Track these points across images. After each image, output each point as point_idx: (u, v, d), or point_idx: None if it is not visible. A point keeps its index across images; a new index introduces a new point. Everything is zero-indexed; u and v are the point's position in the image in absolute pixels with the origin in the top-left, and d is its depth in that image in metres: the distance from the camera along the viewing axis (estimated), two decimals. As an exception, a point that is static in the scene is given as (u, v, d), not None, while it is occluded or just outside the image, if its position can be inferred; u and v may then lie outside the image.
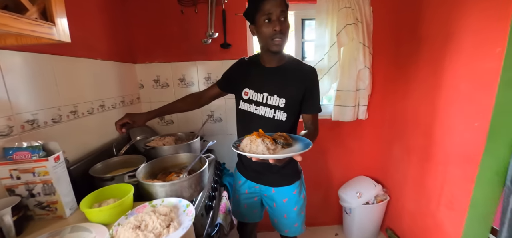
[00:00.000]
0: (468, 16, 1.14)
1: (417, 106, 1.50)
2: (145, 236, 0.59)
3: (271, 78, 0.99)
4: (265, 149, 0.75)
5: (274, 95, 0.98)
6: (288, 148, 0.80)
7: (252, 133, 0.81)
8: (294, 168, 1.10)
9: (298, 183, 1.11)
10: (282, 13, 0.88)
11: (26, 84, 0.81)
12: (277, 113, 0.98)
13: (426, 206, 1.45)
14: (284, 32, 0.90)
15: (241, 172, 1.16)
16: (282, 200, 1.09)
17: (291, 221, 1.12)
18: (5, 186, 0.70)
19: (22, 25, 0.52)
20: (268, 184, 1.10)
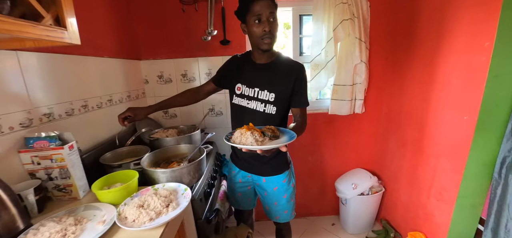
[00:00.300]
0: (460, 12, 1.16)
1: (411, 100, 1.53)
2: (147, 213, 0.68)
3: (261, 74, 1.05)
4: (254, 141, 0.82)
5: (264, 90, 1.04)
6: (275, 140, 0.86)
7: (243, 126, 0.88)
8: (283, 159, 1.16)
9: (287, 173, 1.17)
10: (271, 14, 0.93)
11: (42, 81, 0.91)
12: (267, 107, 1.05)
13: (418, 197, 1.50)
14: (273, 32, 0.96)
15: (235, 162, 1.24)
16: (273, 189, 1.17)
17: (281, 208, 1.20)
18: (27, 170, 0.81)
19: (39, 31, 0.60)
20: (259, 174, 1.17)
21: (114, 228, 0.67)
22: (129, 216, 0.68)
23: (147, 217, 0.67)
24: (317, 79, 1.73)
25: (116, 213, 0.70)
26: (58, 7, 0.66)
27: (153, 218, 0.68)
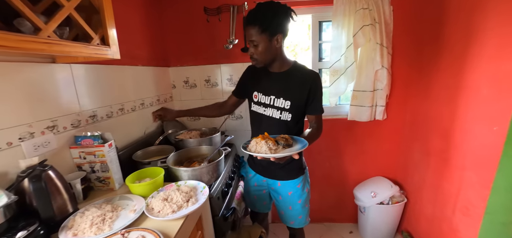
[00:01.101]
0: (491, 17, 1.09)
1: (437, 108, 1.46)
2: (170, 206, 0.78)
3: (276, 83, 1.09)
4: (268, 149, 0.88)
5: (280, 98, 1.08)
6: (288, 148, 0.91)
7: (258, 136, 0.95)
8: (298, 164, 1.18)
9: (302, 178, 1.20)
10: (251, 42, 1.00)
11: (88, 88, 1.07)
12: (283, 114, 1.09)
13: (442, 210, 1.42)
14: (255, 55, 1.03)
15: (251, 166, 1.30)
16: (287, 193, 1.20)
17: (295, 212, 1.22)
18: (75, 163, 0.97)
19: (89, 51, 0.74)
20: (274, 178, 1.21)
21: (143, 216, 0.78)
22: (155, 208, 0.79)
23: (170, 209, 0.77)
24: (336, 85, 1.73)
25: (145, 204, 0.81)
26: (104, 29, 0.79)
27: (175, 211, 0.77)
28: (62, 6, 0.65)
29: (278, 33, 0.99)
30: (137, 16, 1.47)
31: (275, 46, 1.01)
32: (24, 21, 0.59)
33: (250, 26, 0.98)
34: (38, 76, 0.85)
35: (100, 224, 0.72)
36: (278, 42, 1.01)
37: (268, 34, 0.97)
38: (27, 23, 0.59)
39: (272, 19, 0.96)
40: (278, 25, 0.97)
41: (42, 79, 0.86)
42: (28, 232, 0.64)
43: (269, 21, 0.96)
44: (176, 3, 1.70)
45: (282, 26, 0.99)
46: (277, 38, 1.00)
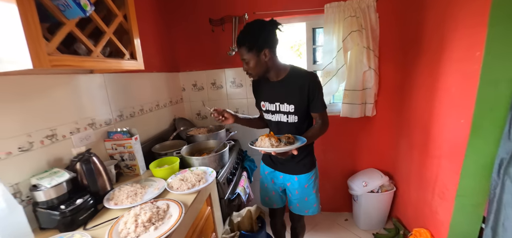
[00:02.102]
0: (457, 24, 1.26)
1: (418, 105, 1.63)
2: (186, 184, 1.00)
3: (278, 90, 1.20)
4: (269, 146, 1.04)
5: (284, 103, 1.19)
6: (290, 146, 1.05)
7: (265, 134, 1.11)
8: (311, 160, 1.32)
9: (314, 171, 1.34)
10: (244, 60, 1.13)
11: (116, 93, 1.30)
12: (289, 117, 1.20)
13: (424, 195, 1.59)
14: (248, 70, 1.15)
15: (268, 164, 1.40)
16: (304, 186, 1.31)
17: (311, 202, 1.35)
18: (108, 153, 1.19)
19: (122, 65, 0.96)
20: (291, 173, 1.31)
21: (165, 192, 1.00)
22: (174, 185, 1.01)
23: (185, 186, 0.99)
24: (329, 85, 1.91)
25: (166, 183, 1.02)
26: (132, 46, 1.01)
27: (189, 187, 0.99)
28: (105, 32, 0.88)
29: (264, 48, 1.08)
30: (152, 30, 1.70)
31: (264, 60, 1.11)
32: (80, 45, 0.81)
33: (239, 47, 1.10)
34: (81, 84, 1.08)
35: (134, 196, 0.94)
36: (266, 56, 1.10)
37: (256, 51, 1.08)
38: (83, 46, 0.81)
39: (258, 37, 1.07)
40: (263, 42, 1.08)
41: (84, 87, 1.09)
42: (83, 201, 0.86)
43: (255, 40, 1.07)
44: (184, 16, 1.93)
45: (267, 42, 1.09)
46: (265, 53, 1.09)
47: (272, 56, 1.13)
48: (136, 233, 0.73)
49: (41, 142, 0.90)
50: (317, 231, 2.04)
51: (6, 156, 0.79)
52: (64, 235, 0.77)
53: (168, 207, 0.87)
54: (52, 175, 0.86)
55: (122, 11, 0.98)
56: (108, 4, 0.90)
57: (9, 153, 0.80)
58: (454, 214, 1.34)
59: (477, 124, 1.19)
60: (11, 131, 0.81)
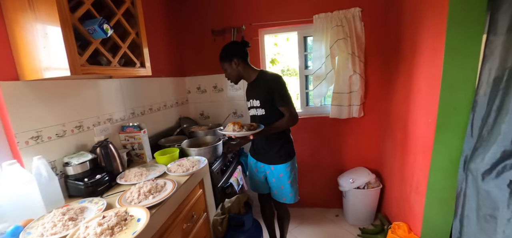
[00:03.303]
0: (425, 32, 1.41)
1: (399, 106, 1.76)
2: (181, 169, 1.22)
3: (251, 89, 1.52)
4: (231, 131, 1.34)
5: (253, 99, 1.49)
6: (246, 131, 1.33)
7: (231, 122, 1.41)
8: (286, 152, 1.49)
9: (290, 163, 1.50)
10: (223, 70, 1.49)
11: (130, 95, 1.57)
12: (258, 111, 1.48)
13: (404, 191, 1.70)
14: (228, 77, 1.50)
15: (252, 155, 1.63)
16: (279, 175, 1.50)
17: (286, 191, 1.52)
18: (122, 143, 1.45)
19: (134, 72, 1.21)
20: (268, 162, 1.52)
21: (164, 174, 1.23)
22: (172, 169, 1.24)
23: (181, 170, 1.22)
24: (319, 89, 2.08)
25: (166, 168, 1.26)
26: (142, 57, 1.27)
27: (184, 171, 1.21)
28: (121, 46, 1.14)
29: (234, 58, 1.42)
30: (162, 40, 1.97)
31: (236, 68, 1.43)
32: (103, 57, 1.07)
33: (220, 60, 1.47)
34: (102, 87, 1.36)
35: (139, 176, 1.18)
36: (237, 64, 1.43)
37: (228, 61, 1.44)
38: (104, 58, 1.07)
39: (228, 52, 1.44)
40: (233, 54, 1.42)
41: (104, 89, 1.37)
42: (101, 176, 1.11)
43: (226, 54, 1.44)
44: (190, 28, 2.19)
45: (236, 54, 1.42)
46: (235, 61, 1.42)
47: (241, 63, 1.44)
48: (138, 199, 0.97)
49: (72, 131, 1.17)
50: (308, 225, 2.19)
51: (48, 140, 1.06)
52: (86, 199, 1.02)
53: (165, 184, 1.10)
54: (79, 156, 1.12)
55: (135, 29, 1.24)
56: (123, 24, 1.16)
57: (49, 138, 1.07)
58: (426, 207, 1.46)
59: (442, 122, 1.31)
60: (52, 121, 1.08)
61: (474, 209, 1.21)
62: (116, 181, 1.18)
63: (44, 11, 0.84)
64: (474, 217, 1.24)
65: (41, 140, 1.04)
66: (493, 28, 1.14)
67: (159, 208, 0.94)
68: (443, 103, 1.29)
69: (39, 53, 0.90)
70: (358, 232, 2.02)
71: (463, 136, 1.31)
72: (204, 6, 2.13)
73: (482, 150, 1.17)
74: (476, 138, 1.22)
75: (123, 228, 0.78)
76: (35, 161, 0.97)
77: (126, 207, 0.89)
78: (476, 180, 1.19)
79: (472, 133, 1.26)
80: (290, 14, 2.03)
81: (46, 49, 0.88)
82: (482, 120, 1.20)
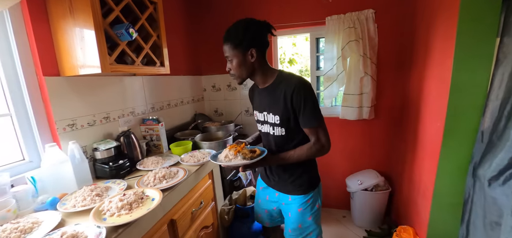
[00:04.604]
0: (436, 34, 1.39)
1: (410, 109, 1.74)
2: (193, 159, 1.35)
3: (265, 98, 1.05)
4: (224, 158, 1.00)
5: (270, 113, 1.04)
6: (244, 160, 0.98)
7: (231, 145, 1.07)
8: (308, 180, 1.11)
9: (313, 194, 1.11)
10: (227, 58, 1.02)
11: (150, 91, 1.73)
12: (275, 129, 1.04)
13: (413, 195, 1.69)
14: (232, 73, 1.04)
15: (263, 178, 1.25)
16: (298, 209, 1.11)
17: (306, 230, 1.13)
18: (142, 134, 1.61)
19: (154, 71, 1.35)
20: (286, 192, 1.13)
21: (177, 163, 1.36)
22: (185, 159, 1.36)
23: (193, 160, 1.34)
24: (330, 89, 2.11)
25: (180, 158, 1.39)
26: (162, 57, 1.41)
27: (195, 161, 1.33)
28: (144, 47, 1.28)
29: (252, 47, 0.96)
30: (180, 41, 2.13)
31: (250, 61, 0.98)
32: (128, 57, 1.22)
33: (224, 43, 0.99)
34: (127, 84, 1.52)
35: (156, 164, 1.32)
36: (253, 56, 0.97)
37: (241, 49, 0.96)
38: (129, 58, 1.22)
39: (244, 34, 0.95)
40: (251, 40, 0.96)
41: (128, 85, 1.53)
42: (123, 162, 1.26)
43: (241, 37, 0.95)
44: (206, 30, 2.32)
45: (255, 40, 0.96)
46: (251, 53, 0.97)
47: (259, 57, 0.99)
48: (154, 183, 1.10)
49: (100, 121, 1.34)
50: (315, 223, 2.22)
51: (81, 128, 1.23)
52: (110, 180, 1.17)
53: (177, 171, 1.22)
54: (106, 143, 1.28)
55: (156, 32, 1.38)
56: (146, 28, 1.31)
57: (82, 126, 1.24)
58: (432, 212, 1.44)
59: (450, 126, 1.30)
60: (85, 112, 1.25)
61: (481, 216, 1.20)
62: (136, 167, 1.33)
63: (82, 17, 1.00)
64: (480, 224, 1.22)
65: (75, 128, 1.21)
66: (507, 31, 1.12)
67: (171, 191, 1.06)
68: (452, 107, 1.28)
69: (76, 53, 1.06)
70: (364, 234, 2.02)
71: (472, 141, 1.28)
72: (220, 11, 2.25)
73: (490, 156, 1.15)
74: (486, 143, 1.20)
75: (139, 205, 0.91)
76: (70, 145, 1.14)
77: (143, 188, 1.02)
78: (483, 186, 1.17)
79: (483, 138, 1.24)
80: (302, 16, 2.08)
81: (82, 50, 1.04)
82: (493, 125, 1.17)
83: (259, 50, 1.00)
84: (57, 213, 0.91)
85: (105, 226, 0.79)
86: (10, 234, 0.79)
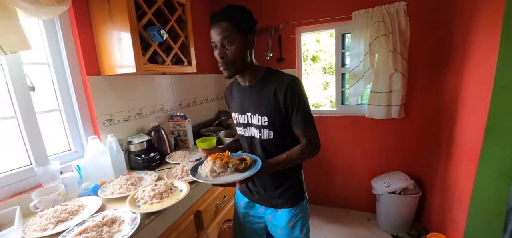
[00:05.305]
0: (478, 30, 1.27)
1: (445, 108, 1.61)
2: (217, 154, 1.39)
3: (249, 97, 0.93)
4: (209, 172, 0.80)
5: (256, 114, 0.92)
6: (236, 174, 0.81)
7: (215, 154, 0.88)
8: (297, 191, 1.00)
9: (301, 206, 1.01)
10: (224, 40, 0.83)
11: (178, 88, 1.82)
12: (262, 132, 0.92)
13: (446, 200, 1.57)
14: (227, 59, 0.85)
15: (244, 193, 1.08)
16: (288, 224, 0.99)
17: None
18: (170, 130, 1.71)
19: (182, 69, 1.43)
20: (274, 206, 1.01)
21: (203, 158, 1.42)
22: (209, 154, 1.42)
23: (216, 155, 1.39)
24: (356, 87, 2.03)
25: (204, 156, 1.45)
26: (190, 56, 1.48)
27: (219, 156, 1.38)
28: (173, 48, 1.35)
29: (253, 33, 0.87)
30: (205, 42, 2.20)
31: (247, 49, 0.87)
32: (159, 57, 1.30)
33: (222, 22, 0.82)
34: (157, 82, 1.62)
35: (183, 157, 1.40)
36: (253, 44, 0.89)
37: (244, 33, 0.84)
38: (160, 58, 1.30)
39: (247, 16, 0.85)
40: (253, 25, 0.87)
41: (158, 84, 1.63)
42: (154, 155, 1.36)
43: (243, 18, 0.84)
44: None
45: (254, 28, 0.88)
46: (250, 38, 0.87)
47: (252, 47, 0.90)
48: (181, 175, 1.16)
49: (134, 117, 1.45)
50: (338, 225, 2.17)
51: (118, 122, 1.35)
52: (143, 171, 1.26)
53: (203, 165, 1.28)
54: (139, 137, 1.38)
55: (184, 32, 1.45)
56: (175, 29, 1.38)
57: (119, 121, 1.36)
58: (469, 219, 1.33)
59: (492, 127, 1.18)
60: (121, 108, 1.37)
61: (528, 228, 1.08)
62: (165, 160, 1.41)
63: (119, 21, 1.09)
64: (529, 237, 1.10)
65: (113, 122, 1.33)
66: None
67: (197, 184, 1.11)
68: (495, 106, 1.16)
69: (114, 54, 1.16)
70: (391, 239, 1.93)
71: (521, 145, 1.16)
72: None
73: (541, 162, 1.03)
74: (536, 147, 1.08)
75: (169, 195, 0.98)
76: (109, 138, 1.25)
77: (172, 180, 1.09)
78: (532, 195, 1.05)
79: (533, 142, 1.11)
80: (328, 11, 2.03)
81: (119, 51, 1.14)
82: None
83: (254, 41, 0.90)
84: (98, 199, 1.01)
85: (139, 212, 0.86)
86: (60, 214, 0.90)
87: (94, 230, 0.78)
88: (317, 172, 2.37)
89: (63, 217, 0.89)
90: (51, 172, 1.06)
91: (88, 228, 0.78)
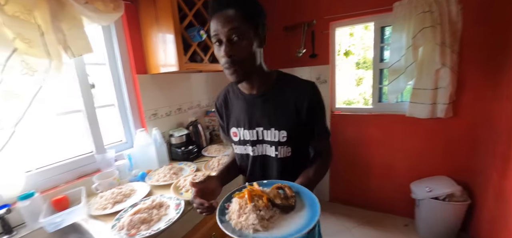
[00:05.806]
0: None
1: (503, 107, 1.43)
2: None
3: (261, 108, 0.76)
4: (257, 222, 0.56)
5: (271, 129, 0.75)
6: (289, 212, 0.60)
7: (242, 191, 0.64)
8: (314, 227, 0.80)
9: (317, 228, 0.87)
10: (232, 31, 0.64)
11: (213, 85, 1.91)
12: (279, 150, 0.75)
13: (502, 211, 1.40)
14: (236, 58, 0.66)
15: None
16: None
17: None
18: (206, 125, 1.81)
19: (218, 67, 1.50)
20: None
21: (236, 152, 1.48)
22: (242, 149, 1.48)
23: (249, 150, 1.44)
24: (396, 84, 1.90)
25: (237, 147, 1.51)
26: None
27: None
28: (210, 47, 1.43)
29: (264, 28, 0.72)
30: (239, 38, 2.26)
31: (258, 45, 0.71)
32: (198, 56, 1.38)
33: (230, 10, 0.65)
34: (194, 80, 1.72)
35: (218, 151, 1.48)
36: (264, 42, 0.73)
37: (255, 25, 0.68)
38: (199, 57, 1.38)
39: (257, 7, 0.69)
40: (264, 18, 0.72)
41: (195, 81, 1.73)
42: (192, 148, 1.46)
43: (254, 7, 0.68)
44: (263, 25, 2.39)
45: (265, 22, 0.72)
46: (264, 37, 0.73)
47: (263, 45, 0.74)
48: (218, 168, 1.23)
49: (175, 112, 1.57)
50: (371, 228, 2.08)
51: (161, 117, 1.48)
52: (182, 162, 1.37)
53: (237, 159, 1.34)
54: (178, 130, 1.50)
55: (219, 31, 1.52)
56: (212, 28, 1.45)
57: (162, 115, 1.48)
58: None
59: None
60: (164, 104, 1.49)
61: None
62: (202, 153, 1.51)
63: (164, 24, 1.19)
64: None
65: (157, 117, 1.46)
66: None
67: (232, 177, 1.17)
68: None
69: (159, 55, 1.27)
70: (433, 248, 1.79)
71: None
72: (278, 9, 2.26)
73: None
74: None
75: (208, 185, 1.05)
76: (153, 131, 1.38)
77: (210, 172, 1.17)
78: None
79: None
80: (365, 3, 1.91)
81: (164, 52, 1.24)
82: None
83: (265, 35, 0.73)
84: (146, 185, 1.13)
85: (183, 199, 0.94)
86: (117, 196, 1.03)
87: (146, 211, 0.88)
88: (352, 174, 2.29)
89: (119, 199, 1.02)
90: (107, 159, 1.21)
91: (141, 210, 0.89)
